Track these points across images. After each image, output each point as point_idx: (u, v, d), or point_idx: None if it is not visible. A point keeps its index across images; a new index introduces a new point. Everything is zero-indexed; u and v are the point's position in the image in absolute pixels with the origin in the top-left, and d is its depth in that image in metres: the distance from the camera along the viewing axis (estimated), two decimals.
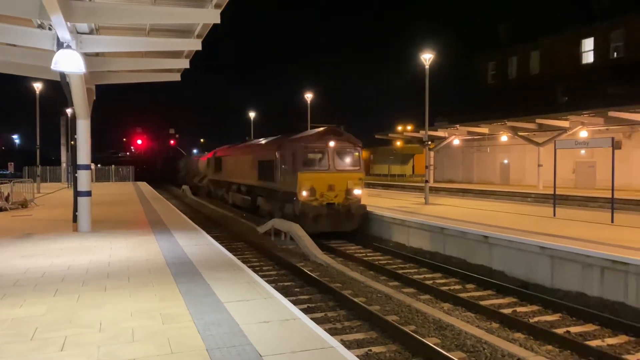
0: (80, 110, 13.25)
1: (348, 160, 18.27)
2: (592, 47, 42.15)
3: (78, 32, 11.89)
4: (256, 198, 22.92)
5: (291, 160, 17.86)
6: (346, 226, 17.60)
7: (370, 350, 7.52)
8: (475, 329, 8.25)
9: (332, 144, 17.89)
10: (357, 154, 18.48)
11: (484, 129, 36.37)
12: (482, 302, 10.14)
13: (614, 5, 40.22)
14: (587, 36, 42.28)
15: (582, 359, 7.36)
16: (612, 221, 14.81)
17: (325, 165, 17.83)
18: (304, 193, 17.26)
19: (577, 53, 43.04)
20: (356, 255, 15.19)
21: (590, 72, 41.60)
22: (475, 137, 40.33)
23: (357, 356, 5.65)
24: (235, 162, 27.06)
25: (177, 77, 17.35)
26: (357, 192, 17.97)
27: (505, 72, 50.79)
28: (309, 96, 43.91)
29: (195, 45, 13.39)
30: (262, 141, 23.88)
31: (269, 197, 20.68)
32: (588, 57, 42.58)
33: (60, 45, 10.70)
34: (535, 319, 9.21)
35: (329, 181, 17.55)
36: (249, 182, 23.71)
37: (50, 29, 10.98)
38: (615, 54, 40.37)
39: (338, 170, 17.83)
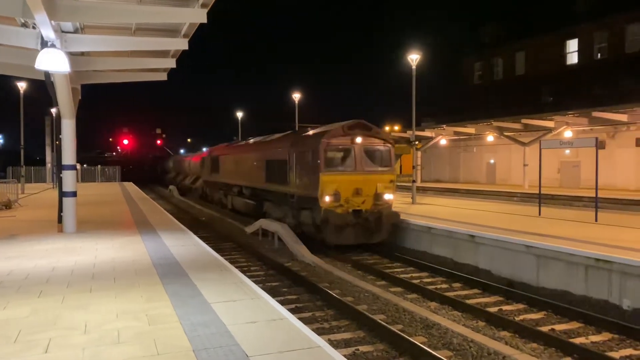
0: (65, 110, 13.11)
1: (377, 159, 15.54)
2: (576, 48, 42.63)
3: (63, 31, 11.77)
4: (262, 203, 20.45)
5: (311, 159, 15.22)
6: (375, 237, 15.05)
7: (358, 349, 7.54)
8: (461, 328, 8.32)
9: (359, 140, 15.09)
10: (388, 151, 15.68)
11: (470, 129, 36.63)
12: (469, 301, 10.21)
13: (597, 6, 40.73)
14: (572, 37, 42.76)
15: (567, 357, 7.44)
16: (596, 220, 15.00)
17: (350, 165, 15.07)
18: (327, 198, 14.56)
19: (562, 54, 43.51)
20: (345, 254, 15.20)
21: (575, 72, 42.08)
22: (461, 137, 40.59)
23: (345, 355, 5.67)
24: (237, 162, 24.37)
25: (163, 76, 17.26)
26: (387, 196, 15.30)
27: (491, 72, 51.21)
28: (296, 96, 43.87)
29: (182, 44, 13.33)
30: (271, 138, 21.09)
31: (280, 202, 18.19)
32: (572, 58, 43.07)
33: (44, 44, 10.58)
34: (521, 317, 9.30)
35: (355, 184, 14.90)
36: (254, 185, 21.08)
37: (34, 27, 10.86)
38: (599, 54, 40.88)
39: (366, 171, 15.13)
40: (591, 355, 7.32)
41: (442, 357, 6.90)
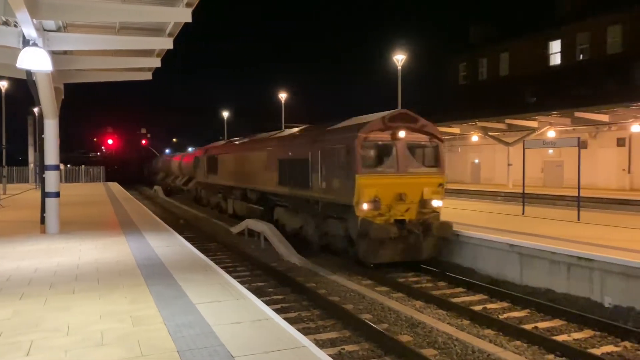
0: (47, 109, 12.96)
1: (424, 157, 13.16)
2: (559, 50, 43.19)
3: (45, 30, 11.64)
4: (272, 208, 18.20)
5: (344, 157, 12.60)
6: (421, 253, 12.62)
7: (344, 349, 7.56)
8: (446, 326, 8.39)
9: (402, 134, 12.47)
10: (436, 148, 13.10)
11: (455, 129, 36.93)
12: (453, 300, 10.30)
13: (579, 8, 41.31)
14: (554, 39, 43.31)
15: (549, 354, 7.54)
16: (579, 219, 15.21)
17: (392, 165, 12.50)
18: (365, 206, 11.96)
19: (545, 55, 44.04)
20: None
21: (558, 73, 42.62)
22: (446, 137, 40.81)
23: (330, 355, 5.69)
24: (240, 161, 21.45)
25: (148, 76, 17.13)
26: (436, 203, 12.69)
27: (476, 73, 51.67)
28: (282, 96, 43.82)
29: (167, 44, 13.26)
30: (285, 133, 18.40)
31: (297, 208, 15.86)
32: (555, 59, 43.61)
33: (26, 42, 10.45)
34: (505, 315, 9.39)
35: (398, 188, 12.31)
36: (262, 188, 18.41)
37: (15, 25, 10.73)
38: (581, 56, 41.45)
39: (411, 172, 12.58)
40: (573, 352, 7.42)
41: (427, 356, 6.95)
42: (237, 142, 23.46)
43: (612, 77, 37.34)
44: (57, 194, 13.34)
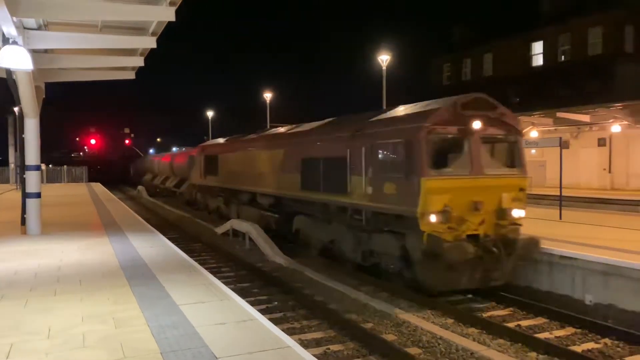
0: (28, 109, 12.78)
1: (502, 154, 10.57)
2: (541, 51, 43.72)
3: (25, 28, 11.45)
4: (292, 216, 15.28)
5: (403, 154, 9.86)
6: (501, 277, 10.00)
7: (329, 348, 7.56)
8: (430, 325, 8.44)
9: (478, 125, 9.75)
10: (516, 143, 10.54)
11: None
12: (438, 299, 10.34)
13: (561, 10, 41.86)
14: (537, 40, 43.83)
15: (532, 352, 7.62)
16: (560, 218, 15.40)
17: (465, 164, 9.80)
18: (433, 217, 9.28)
19: (527, 56, 44.55)
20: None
21: (540, 74, 43.13)
22: None
23: (315, 355, 5.68)
24: (247, 161, 18.62)
25: (131, 75, 16.98)
26: (516, 213, 10.04)
27: (460, 73, 52.08)
28: (267, 96, 43.74)
29: (150, 43, 13.14)
30: (307, 127, 15.13)
31: (328, 217, 13.00)
32: (538, 60, 44.14)
33: (5, 41, 10.27)
34: (489, 314, 9.47)
35: (472, 195, 9.63)
36: (278, 192, 15.65)
37: None
38: (562, 57, 42.01)
39: (487, 174, 9.89)
40: (555, 349, 7.52)
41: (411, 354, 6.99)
42: (243, 140, 20.36)
43: (593, 78, 37.89)
44: (38, 195, 13.17)
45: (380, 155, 10.69)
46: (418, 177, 9.38)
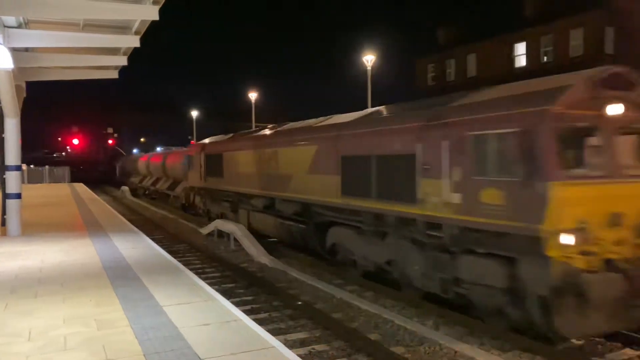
0: (8, 108, 12.61)
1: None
2: (524, 52, 44.25)
3: (5, 26, 11.29)
4: (326, 228, 12.55)
5: (515, 150, 7.20)
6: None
7: (314, 348, 7.56)
8: (415, 324, 8.48)
9: (619, 109, 7.21)
10: None
11: None
12: (424, 299, 10.39)
13: (544, 11, 42.42)
14: (519, 41, 44.36)
15: (515, 349, 7.69)
16: None
17: (602, 163, 7.24)
18: (567, 238, 6.77)
19: (510, 57, 45.06)
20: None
21: (523, 75, 43.60)
22: None
23: (300, 355, 5.68)
24: (263, 160, 15.33)
25: (114, 74, 16.82)
26: None
27: (444, 74, 52.48)
28: (253, 95, 43.64)
29: (133, 42, 13.03)
30: (350, 118, 11.88)
31: (385, 232, 10.28)
32: (520, 61, 44.67)
33: None
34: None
35: (612, 204, 7.13)
36: (308, 198, 12.66)
37: None
38: (545, 58, 42.58)
39: (630, 176, 7.41)
40: (537, 347, 7.60)
41: (396, 353, 7.02)
42: (255, 135, 16.99)
43: None
44: (18, 195, 13.01)
45: (474, 152, 7.87)
46: (544, 182, 6.81)
